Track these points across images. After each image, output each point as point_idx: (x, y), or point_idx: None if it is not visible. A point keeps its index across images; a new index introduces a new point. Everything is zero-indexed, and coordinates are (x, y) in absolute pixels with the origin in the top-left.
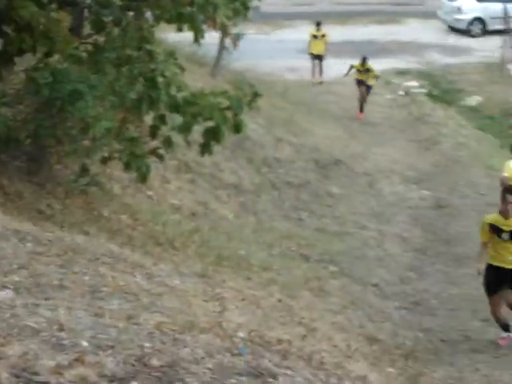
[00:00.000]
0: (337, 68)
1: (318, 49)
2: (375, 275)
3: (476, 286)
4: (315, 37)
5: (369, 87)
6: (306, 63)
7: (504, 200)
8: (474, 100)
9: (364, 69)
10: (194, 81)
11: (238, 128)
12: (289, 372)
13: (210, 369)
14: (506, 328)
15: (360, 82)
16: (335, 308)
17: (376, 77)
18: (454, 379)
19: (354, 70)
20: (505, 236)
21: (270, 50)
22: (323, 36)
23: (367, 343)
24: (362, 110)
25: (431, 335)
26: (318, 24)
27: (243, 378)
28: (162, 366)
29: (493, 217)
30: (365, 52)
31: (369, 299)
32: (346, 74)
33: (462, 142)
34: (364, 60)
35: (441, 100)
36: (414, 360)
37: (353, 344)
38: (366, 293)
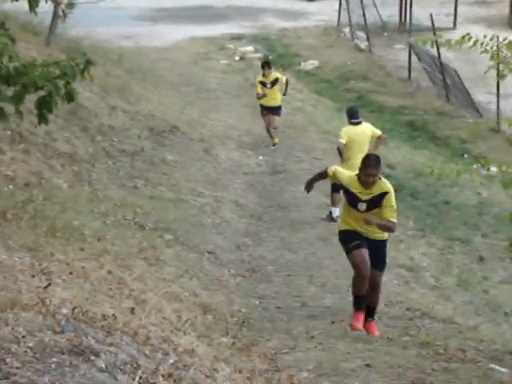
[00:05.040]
0: (172, 35)
1: (271, 100)
2: (211, 242)
3: (312, 252)
4: (264, 84)
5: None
6: (141, 30)
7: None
8: (310, 64)
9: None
10: (29, 50)
11: (70, 97)
12: (112, 349)
13: (30, 348)
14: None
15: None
16: (169, 277)
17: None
18: (288, 347)
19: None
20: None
21: (105, 18)
22: (276, 81)
23: (201, 312)
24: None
25: (267, 302)
26: (266, 65)
27: (65, 357)
28: None
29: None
30: (200, 18)
31: (204, 267)
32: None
33: (299, 106)
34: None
35: (277, 64)
36: (249, 328)
37: (184, 315)
38: (201, 260)
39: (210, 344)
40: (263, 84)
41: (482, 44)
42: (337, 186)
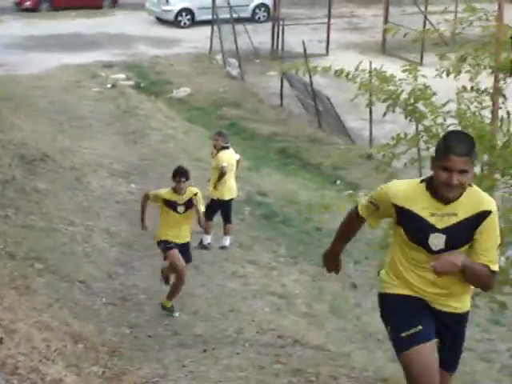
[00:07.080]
0: (44, 63)
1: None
2: (82, 271)
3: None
4: (173, 206)
5: None
6: (13, 58)
7: None
8: (182, 91)
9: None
10: None
11: None
12: None
13: None
14: None
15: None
16: (40, 306)
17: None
18: (159, 376)
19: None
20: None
21: None
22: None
23: (72, 341)
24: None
25: (138, 331)
26: (181, 174)
27: None
28: None
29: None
30: (71, 45)
31: (75, 296)
32: None
33: (170, 134)
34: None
35: (149, 92)
36: (120, 357)
37: (54, 344)
38: (72, 290)
39: (79, 373)
40: (171, 205)
41: (347, 75)
42: (211, 213)
